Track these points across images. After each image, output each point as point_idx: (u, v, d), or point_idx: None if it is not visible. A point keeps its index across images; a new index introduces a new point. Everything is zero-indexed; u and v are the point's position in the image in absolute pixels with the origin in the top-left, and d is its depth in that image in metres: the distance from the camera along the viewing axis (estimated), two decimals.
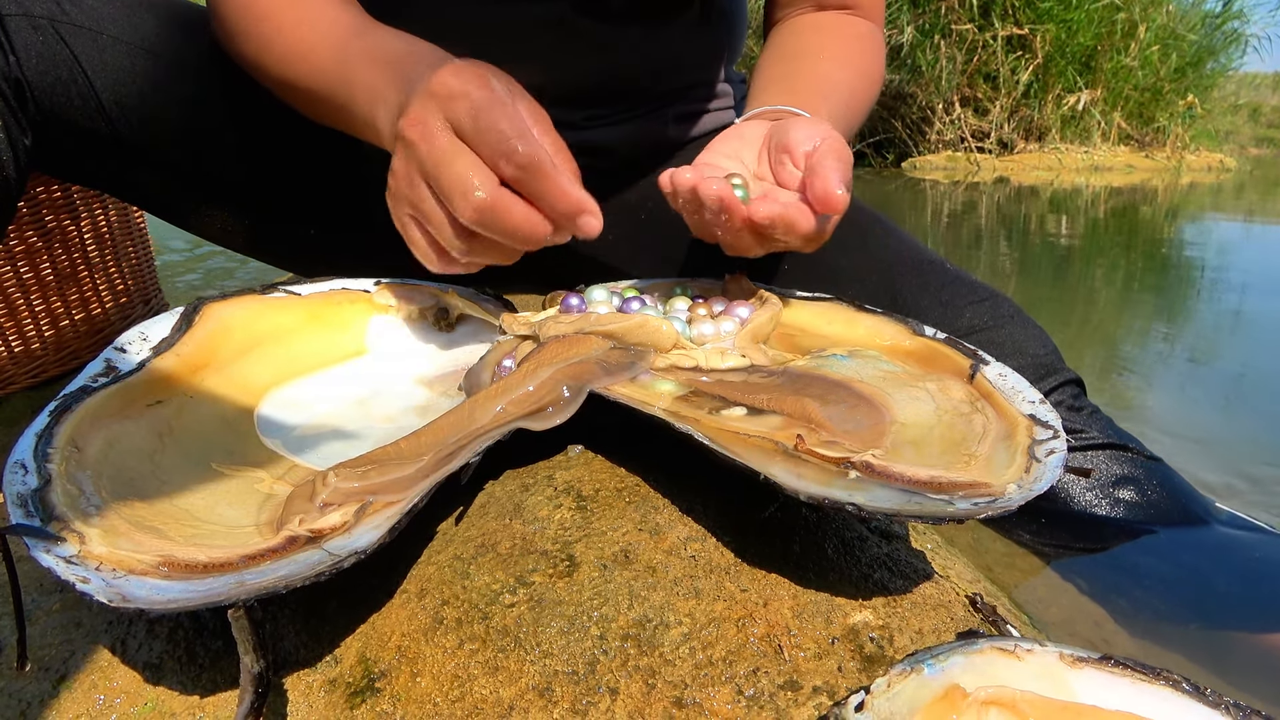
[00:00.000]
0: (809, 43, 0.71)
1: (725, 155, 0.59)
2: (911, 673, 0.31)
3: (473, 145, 0.45)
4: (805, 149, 0.54)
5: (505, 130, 0.44)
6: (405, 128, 0.47)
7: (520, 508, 0.43)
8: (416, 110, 0.46)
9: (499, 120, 0.45)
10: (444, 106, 0.46)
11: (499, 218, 0.45)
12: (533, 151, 0.44)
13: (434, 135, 0.46)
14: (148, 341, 0.49)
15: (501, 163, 0.45)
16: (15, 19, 0.61)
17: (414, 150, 0.46)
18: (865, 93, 0.71)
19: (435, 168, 0.45)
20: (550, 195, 0.45)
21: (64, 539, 0.33)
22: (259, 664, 0.31)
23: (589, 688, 0.34)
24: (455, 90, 0.46)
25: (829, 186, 0.48)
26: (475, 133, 0.45)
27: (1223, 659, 0.56)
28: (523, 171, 0.45)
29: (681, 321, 0.53)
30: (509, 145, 0.44)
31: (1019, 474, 0.38)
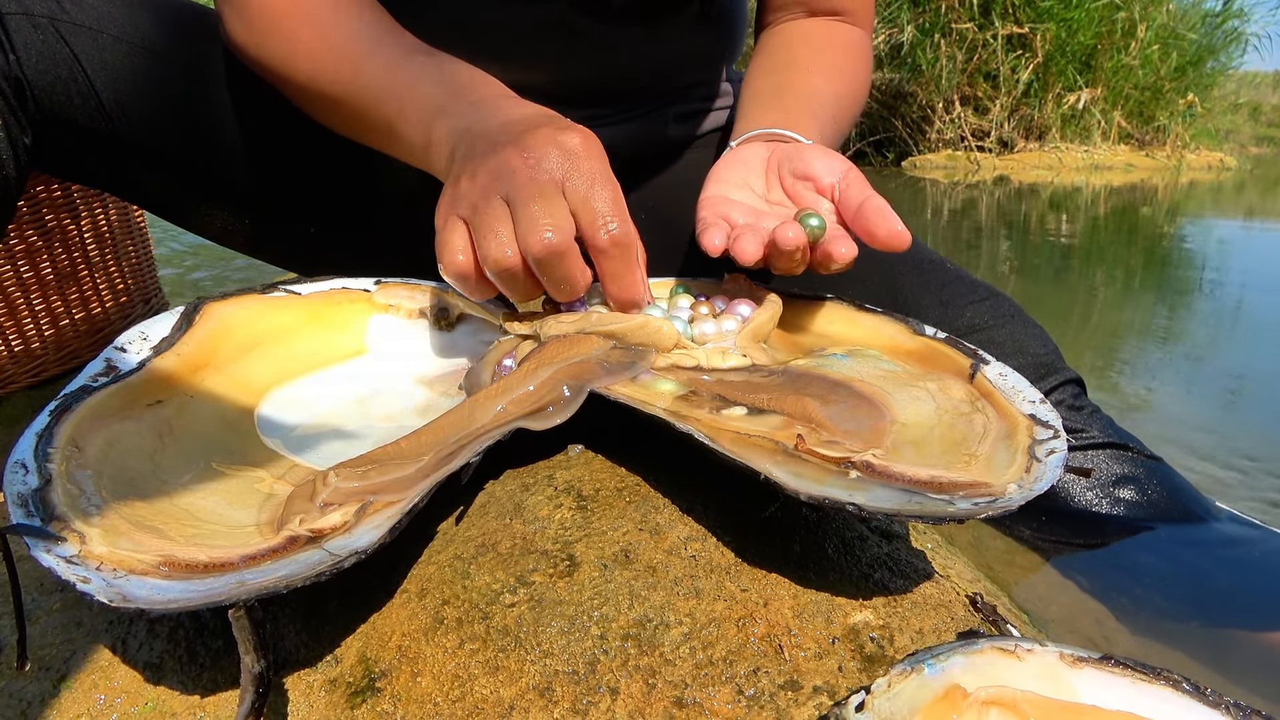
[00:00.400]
0: (798, 54, 0.72)
1: (734, 185, 0.60)
2: (912, 673, 0.31)
3: (576, 205, 0.47)
4: (829, 180, 0.56)
5: (611, 204, 0.47)
6: (513, 154, 0.48)
7: (520, 507, 0.43)
8: (535, 148, 0.48)
9: (610, 194, 0.48)
10: (565, 160, 0.48)
11: (563, 264, 0.47)
12: (630, 234, 0.48)
13: (540, 173, 0.47)
14: (148, 341, 0.49)
15: (600, 232, 0.47)
16: (15, 18, 0.61)
17: (511, 175, 0.47)
18: (852, 105, 0.72)
19: (529, 196, 0.46)
20: (625, 280, 0.49)
21: (64, 539, 0.33)
22: (260, 664, 0.31)
23: (589, 687, 0.34)
24: (580, 152, 0.48)
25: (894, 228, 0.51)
26: (586, 196, 0.47)
27: (1223, 657, 0.56)
28: (616, 248, 0.48)
29: (682, 321, 0.53)
30: (612, 218, 0.47)
31: (1019, 474, 0.38)
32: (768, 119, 0.65)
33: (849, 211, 0.54)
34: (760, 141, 0.63)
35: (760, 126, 0.64)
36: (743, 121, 0.67)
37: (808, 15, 0.76)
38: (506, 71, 0.68)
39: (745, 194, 0.59)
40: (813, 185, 0.58)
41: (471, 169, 0.49)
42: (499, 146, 0.48)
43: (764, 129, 0.64)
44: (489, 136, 0.50)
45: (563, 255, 0.47)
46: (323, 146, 0.74)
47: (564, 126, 0.49)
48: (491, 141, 0.49)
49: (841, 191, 0.56)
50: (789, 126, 0.63)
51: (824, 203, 0.57)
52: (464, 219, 0.49)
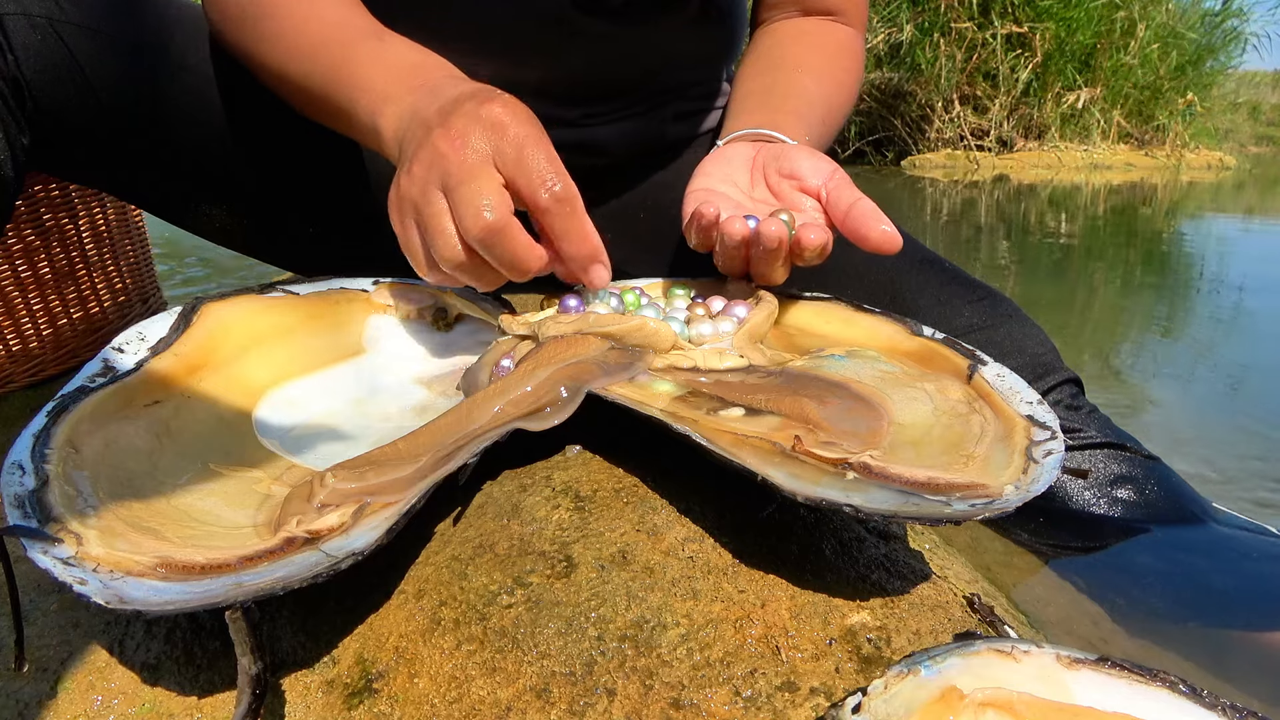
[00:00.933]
0: (789, 54, 0.73)
1: (719, 179, 0.61)
2: (908, 674, 0.31)
3: (510, 174, 0.47)
4: (815, 181, 0.57)
5: (547, 165, 0.47)
6: (441, 139, 0.47)
7: (518, 508, 0.43)
8: (459, 127, 0.47)
9: (544, 155, 0.47)
10: (490, 133, 0.47)
11: (504, 241, 0.46)
12: (570, 188, 0.47)
13: (467, 152, 0.47)
14: (146, 341, 0.49)
15: (540, 192, 0.47)
16: (13, 18, 0.61)
17: (442, 161, 0.47)
18: (842, 107, 0.73)
19: (459, 181, 0.46)
20: (575, 234, 0.48)
21: (61, 540, 0.33)
22: (257, 665, 0.31)
23: (587, 689, 0.34)
24: (504, 121, 0.47)
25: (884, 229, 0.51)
26: (516, 162, 0.47)
27: (1220, 657, 0.56)
28: (558, 204, 0.47)
29: (679, 322, 0.53)
30: (550, 178, 0.47)
31: (1016, 475, 0.38)
32: (754, 119, 0.65)
33: (838, 214, 0.55)
34: (746, 141, 0.64)
35: (747, 126, 0.65)
36: (731, 121, 0.68)
37: (802, 14, 0.76)
38: (505, 67, 0.68)
39: (730, 189, 0.60)
40: (797, 184, 0.58)
41: (409, 164, 0.49)
42: (429, 131, 0.48)
43: (750, 129, 0.64)
44: (425, 121, 0.50)
45: (500, 232, 0.46)
46: (323, 146, 0.74)
47: (486, 99, 0.49)
48: (424, 126, 0.49)
49: (829, 193, 0.56)
50: (775, 127, 0.64)
51: (808, 201, 0.57)
52: (413, 220, 0.49)
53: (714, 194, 0.59)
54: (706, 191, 0.60)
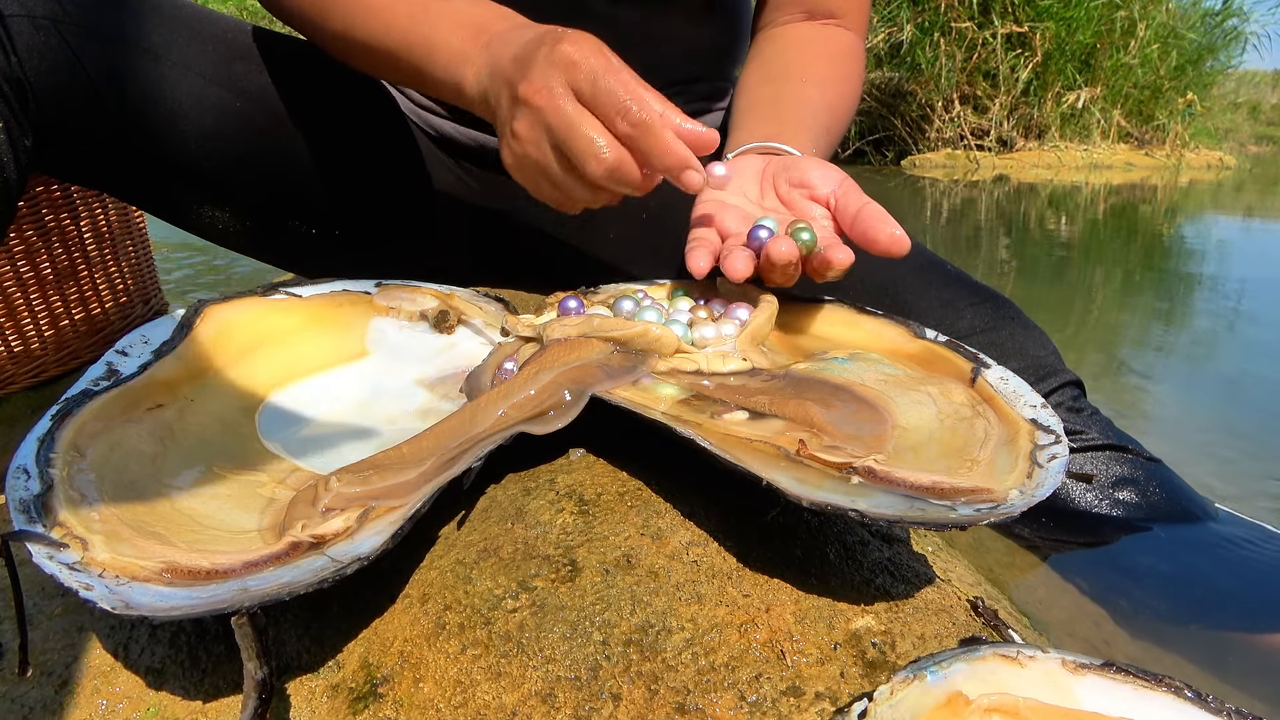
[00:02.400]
0: (794, 62, 0.73)
1: (729, 191, 0.61)
2: (914, 680, 0.31)
3: (591, 108, 0.50)
4: (825, 190, 0.58)
5: (620, 93, 0.49)
6: (530, 94, 0.51)
7: (522, 512, 0.43)
8: (539, 78, 0.50)
9: (614, 84, 0.50)
10: (565, 73, 0.50)
11: (625, 172, 0.50)
12: (644, 111, 0.49)
13: (559, 100, 0.50)
14: (149, 344, 0.49)
15: (617, 121, 0.50)
16: (17, 19, 0.61)
17: (540, 115, 0.51)
18: (845, 114, 0.74)
19: (566, 132, 0.50)
20: (659, 149, 0.50)
21: (67, 545, 0.33)
22: (262, 670, 0.31)
23: (592, 693, 0.34)
24: (575, 59, 0.50)
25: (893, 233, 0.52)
26: (593, 96, 0.50)
27: (1222, 659, 0.56)
28: (635, 129, 0.50)
29: (682, 325, 0.53)
30: (623, 105, 0.49)
31: (1021, 479, 0.38)
32: (762, 131, 0.66)
33: (846, 218, 0.55)
34: (755, 154, 0.64)
35: (755, 138, 0.65)
36: (738, 132, 0.68)
37: (804, 17, 0.76)
38: None
39: (739, 200, 0.60)
40: (808, 193, 0.59)
41: (508, 126, 0.53)
42: (513, 89, 0.52)
43: (759, 142, 0.65)
44: (505, 78, 0.53)
45: (619, 168, 0.50)
46: (322, 147, 0.74)
47: (554, 40, 0.51)
48: (508, 84, 0.53)
49: (838, 200, 0.57)
50: (783, 140, 0.64)
51: (818, 209, 0.57)
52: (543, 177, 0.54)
53: (722, 206, 0.60)
54: (716, 204, 0.60)
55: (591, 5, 0.72)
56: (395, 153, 0.78)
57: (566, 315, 0.54)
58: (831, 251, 0.51)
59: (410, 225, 0.81)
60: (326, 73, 0.74)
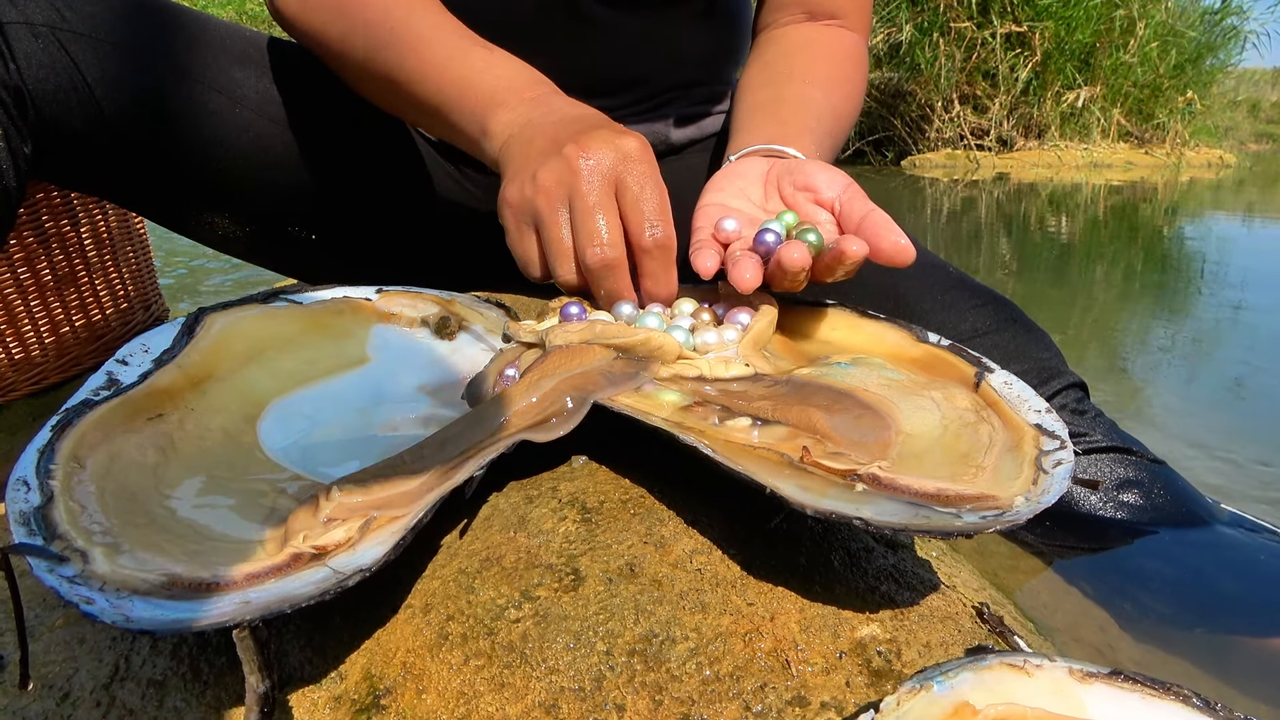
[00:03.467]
0: (796, 64, 0.73)
1: (732, 194, 0.61)
2: (921, 690, 0.30)
3: (626, 207, 0.52)
4: (830, 194, 0.57)
5: (659, 209, 0.52)
6: (575, 156, 0.51)
7: (525, 520, 0.43)
8: (594, 149, 0.51)
9: (658, 199, 0.52)
10: (620, 163, 0.51)
11: (613, 276, 0.51)
12: (672, 237, 0.52)
13: (598, 179, 0.51)
14: (149, 353, 0.49)
15: (647, 233, 0.51)
16: (15, 27, 0.61)
17: (574, 178, 0.51)
18: (849, 116, 0.73)
19: (586, 208, 0.51)
20: (662, 279, 0.53)
21: (67, 558, 0.33)
22: (264, 683, 0.31)
23: (596, 704, 0.34)
24: (637, 157, 0.52)
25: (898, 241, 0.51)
26: (637, 199, 0.51)
27: (1228, 663, 0.56)
28: (658, 249, 0.52)
29: (684, 330, 0.52)
30: (658, 223, 0.51)
31: (1026, 486, 0.38)
32: (765, 133, 0.65)
33: (850, 224, 0.54)
34: (759, 156, 0.64)
35: (758, 140, 0.65)
36: (741, 135, 0.67)
37: (806, 18, 0.76)
38: None
39: (742, 203, 0.60)
40: (812, 197, 0.58)
41: (532, 170, 0.53)
42: (558, 144, 0.52)
43: (762, 144, 0.64)
44: (547, 132, 0.54)
45: (612, 268, 0.51)
46: (323, 153, 0.74)
47: (621, 130, 0.53)
48: (550, 138, 0.53)
49: (843, 205, 0.56)
50: (787, 142, 0.64)
51: (822, 213, 0.57)
52: (533, 229, 0.54)
53: (727, 210, 0.59)
54: (720, 207, 0.59)
55: (591, 10, 0.72)
56: (396, 158, 0.78)
57: (568, 321, 0.54)
58: (845, 243, 0.50)
59: (411, 231, 0.81)
60: (326, 80, 0.74)
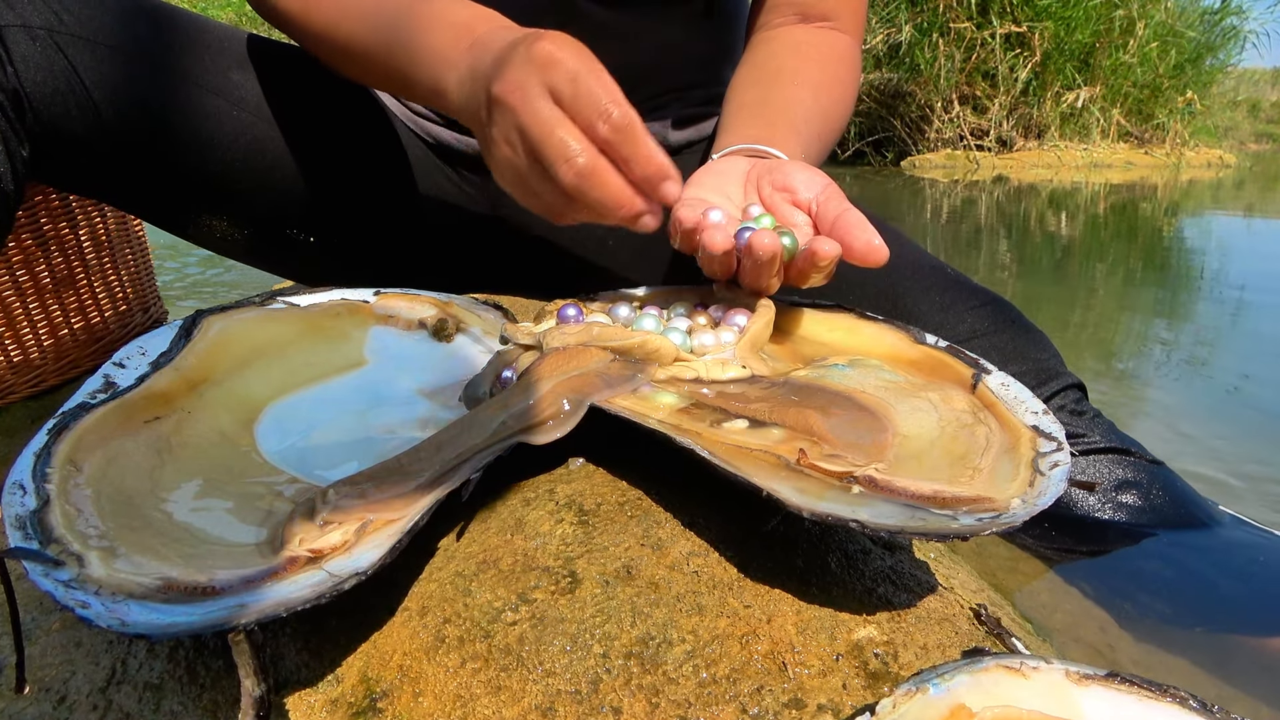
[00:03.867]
0: (786, 65, 0.72)
1: (711, 190, 0.59)
2: (917, 693, 0.30)
3: (569, 110, 0.47)
4: (808, 195, 0.56)
5: (601, 95, 0.47)
6: (503, 93, 0.48)
7: (522, 523, 0.43)
8: (514, 75, 0.48)
9: (596, 85, 0.47)
10: (542, 73, 0.47)
11: (594, 185, 0.47)
12: (627, 114, 0.47)
13: (533, 101, 0.47)
14: (146, 356, 0.49)
15: (598, 124, 0.47)
16: (13, 30, 0.61)
17: (514, 115, 0.48)
18: (839, 119, 0.72)
19: (538, 135, 0.47)
20: (640, 157, 0.48)
21: (63, 563, 0.33)
22: (260, 687, 0.31)
23: (592, 707, 0.33)
24: (556, 57, 0.47)
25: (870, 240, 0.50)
26: (573, 97, 0.47)
27: (1227, 664, 0.56)
28: (617, 133, 0.47)
29: (681, 332, 0.52)
30: (605, 108, 0.46)
31: (1023, 488, 0.38)
32: (750, 133, 0.64)
33: (825, 224, 0.54)
34: (741, 155, 0.63)
35: (743, 140, 0.64)
36: (726, 134, 0.66)
37: (799, 20, 0.75)
38: None
39: (721, 200, 0.59)
40: (790, 197, 0.57)
41: (489, 132, 0.51)
42: (491, 95, 0.49)
43: (746, 144, 0.63)
44: (484, 82, 0.51)
45: (588, 176, 0.47)
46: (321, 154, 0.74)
47: (534, 39, 0.48)
48: (485, 87, 0.50)
49: (819, 206, 0.55)
50: (770, 142, 0.63)
51: (799, 215, 0.56)
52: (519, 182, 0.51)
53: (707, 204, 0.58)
54: (700, 202, 0.58)
55: (587, 11, 0.72)
56: (393, 161, 0.78)
57: (565, 323, 0.54)
58: (817, 243, 0.49)
59: (408, 233, 0.81)
60: (323, 82, 0.74)
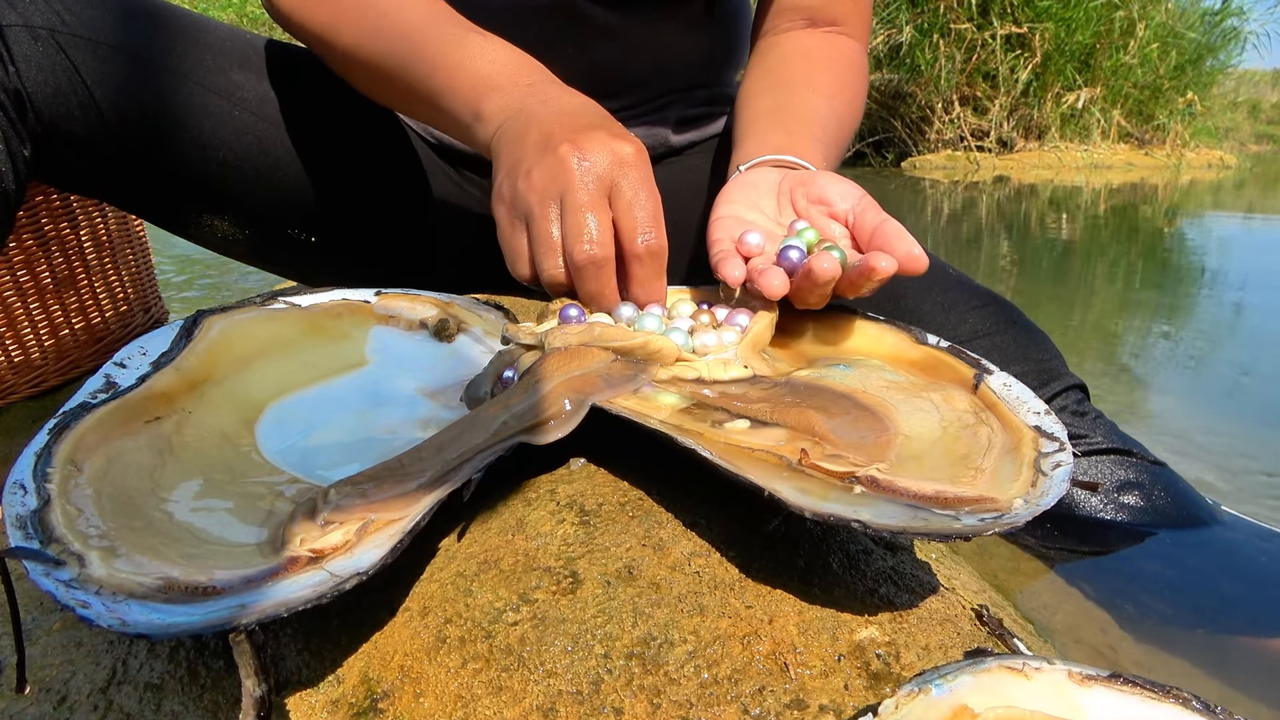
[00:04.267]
0: (799, 71, 0.72)
1: (745, 205, 0.60)
2: (919, 693, 0.30)
3: (619, 211, 0.51)
4: (844, 206, 0.57)
5: (652, 216, 0.51)
6: (568, 154, 0.50)
7: (523, 523, 0.43)
8: (591, 151, 0.50)
9: (654, 206, 0.51)
10: (615, 166, 0.51)
11: (598, 276, 0.50)
12: (663, 245, 0.51)
13: (592, 180, 0.50)
14: (147, 356, 0.49)
15: (639, 239, 0.50)
16: (15, 29, 0.61)
17: (567, 176, 0.50)
18: (851, 124, 0.73)
19: (577, 205, 0.50)
20: (651, 286, 0.52)
21: (64, 562, 0.32)
22: (261, 687, 0.31)
23: (594, 708, 0.33)
24: (633, 161, 0.51)
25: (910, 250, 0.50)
26: (629, 204, 0.50)
27: (1229, 664, 0.56)
28: (649, 256, 0.51)
29: (683, 332, 0.52)
30: (651, 230, 0.50)
31: (1025, 488, 0.38)
32: (772, 142, 0.64)
33: (864, 235, 0.54)
34: (769, 167, 0.63)
35: (766, 150, 0.64)
36: (748, 143, 0.66)
37: (806, 24, 0.75)
38: None
39: (756, 215, 0.59)
40: (827, 210, 0.57)
41: (527, 165, 0.52)
42: (554, 140, 0.51)
43: (771, 155, 0.63)
44: (542, 124, 0.52)
45: (599, 266, 0.50)
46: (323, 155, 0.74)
47: (620, 133, 0.52)
48: (545, 132, 0.52)
49: (856, 217, 0.55)
50: (795, 152, 0.63)
51: (836, 226, 0.56)
52: (524, 225, 0.53)
53: (747, 223, 0.58)
54: (737, 220, 0.58)
55: (592, 14, 0.72)
56: (395, 161, 0.78)
57: (567, 323, 0.54)
58: (874, 259, 0.49)
59: (410, 233, 0.81)
60: (326, 82, 0.74)
